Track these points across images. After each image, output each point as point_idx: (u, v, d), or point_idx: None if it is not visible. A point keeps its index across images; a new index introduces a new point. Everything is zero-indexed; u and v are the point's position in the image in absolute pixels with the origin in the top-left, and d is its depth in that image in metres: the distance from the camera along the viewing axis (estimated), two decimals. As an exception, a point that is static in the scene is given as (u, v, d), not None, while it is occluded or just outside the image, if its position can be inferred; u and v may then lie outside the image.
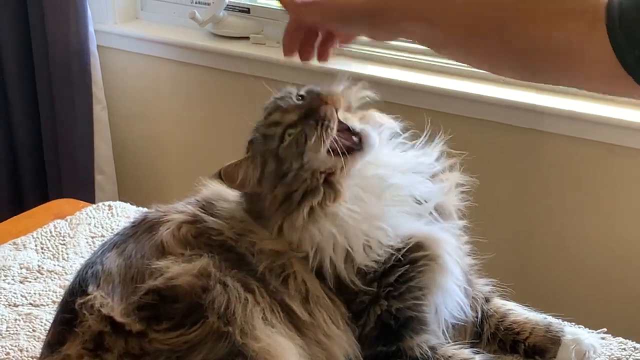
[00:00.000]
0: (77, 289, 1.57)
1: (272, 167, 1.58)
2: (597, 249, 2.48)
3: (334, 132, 1.54)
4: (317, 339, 1.57)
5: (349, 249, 1.55)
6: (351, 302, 1.58)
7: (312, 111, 1.56)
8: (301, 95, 1.61)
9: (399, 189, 1.60)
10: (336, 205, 1.55)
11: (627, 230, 2.43)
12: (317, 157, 1.54)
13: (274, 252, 1.58)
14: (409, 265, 1.56)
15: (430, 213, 1.61)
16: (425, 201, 1.61)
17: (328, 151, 1.53)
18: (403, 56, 2.69)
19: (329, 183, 1.55)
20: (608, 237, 2.46)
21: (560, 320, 1.77)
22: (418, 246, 1.57)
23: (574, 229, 2.50)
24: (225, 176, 1.59)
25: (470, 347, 1.62)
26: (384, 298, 1.58)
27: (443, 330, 1.63)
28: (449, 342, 1.63)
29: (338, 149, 1.53)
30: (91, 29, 3.05)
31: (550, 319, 1.75)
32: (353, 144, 1.55)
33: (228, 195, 1.68)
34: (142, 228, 1.64)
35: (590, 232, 2.48)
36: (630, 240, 2.43)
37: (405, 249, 1.56)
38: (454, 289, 1.62)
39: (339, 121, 1.55)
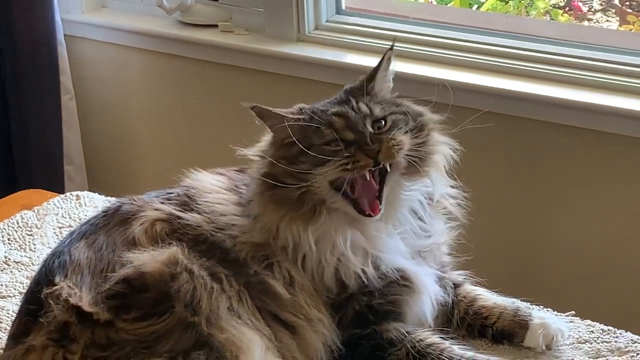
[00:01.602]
0: (43, 279, 1.56)
1: (296, 150, 1.58)
2: (564, 234, 2.49)
3: (352, 175, 1.54)
4: (295, 322, 1.57)
5: (324, 264, 1.59)
6: (332, 293, 1.60)
7: (359, 150, 1.54)
8: (378, 120, 1.59)
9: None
10: (311, 227, 1.57)
11: (595, 214, 2.44)
12: (324, 178, 1.55)
13: (256, 245, 1.59)
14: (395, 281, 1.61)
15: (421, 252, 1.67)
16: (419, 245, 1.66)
17: (339, 187, 1.56)
18: (401, 47, 2.68)
19: (314, 204, 1.57)
20: (576, 221, 2.46)
21: (529, 304, 1.78)
22: (405, 277, 1.62)
23: (542, 214, 2.51)
24: (258, 115, 1.60)
25: (441, 333, 1.63)
26: (363, 295, 1.60)
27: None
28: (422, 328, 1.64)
29: (350, 192, 1.56)
30: (58, 18, 3.01)
31: (518, 303, 1.75)
32: (360, 206, 1.57)
33: (209, 187, 1.68)
34: (115, 220, 1.63)
35: (558, 216, 2.49)
36: (598, 224, 2.43)
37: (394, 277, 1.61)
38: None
39: (375, 178, 1.56)
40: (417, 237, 1.66)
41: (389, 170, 1.57)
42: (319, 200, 1.57)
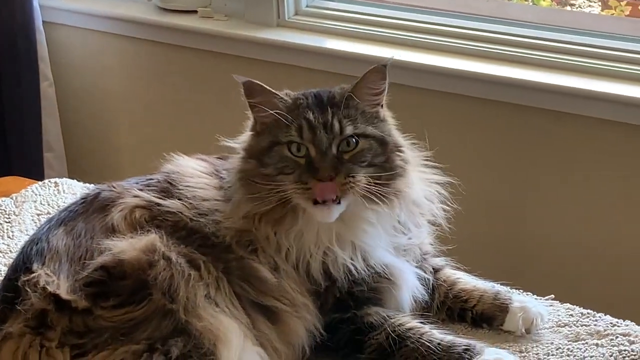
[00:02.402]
0: (21, 266, 1.55)
1: (264, 144, 1.59)
2: (545, 219, 2.49)
3: (303, 199, 1.54)
4: (280, 307, 1.57)
5: (309, 258, 1.59)
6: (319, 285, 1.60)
7: (313, 177, 1.53)
8: (346, 138, 1.56)
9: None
10: (287, 226, 1.58)
11: (576, 199, 2.44)
12: (286, 184, 1.55)
13: (240, 230, 1.59)
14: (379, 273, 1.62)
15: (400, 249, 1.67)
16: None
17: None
18: (381, 32, 2.67)
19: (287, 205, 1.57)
20: (557, 206, 2.47)
21: (508, 288, 1.78)
22: (387, 271, 1.62)
23: (522, 199, 2.51)
24: (246, 89, 1.59)
25: (421, 318, 1.63)
26: (346, 283, 1.60)
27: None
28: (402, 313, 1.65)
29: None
30: (36, 4, 2.99)
31: (498, 287, 1.75)
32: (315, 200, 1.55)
33: (190, 171, 1.67)
34: (94, 207, 1.62)
35: (538, 202, 2.49)
36: (579, 209, 2.44)
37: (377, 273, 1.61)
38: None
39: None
40: (395, 233, 1.65)
41: None
42: (291, 201, 1.57)
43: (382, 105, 1.64)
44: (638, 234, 2.37)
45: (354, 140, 1.57)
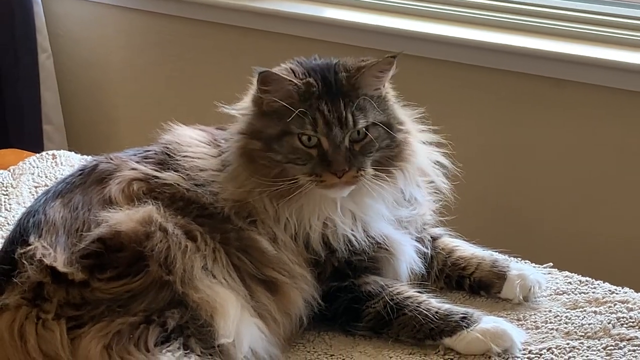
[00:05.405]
0: (18, 239, 1.55)
1: (274, 131, 1.57)
2: (542, 186, 2.49)
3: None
4: (278, 278, 1.57)
5: (309, 230, 1.59)
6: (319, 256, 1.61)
7: (326, 169, 1.54)
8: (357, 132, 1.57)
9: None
10: (288, 201, 1.57)
11: (573, 165, 2.43)
12: (294, 171, 1.56)
13: (239, 201, 1.58)
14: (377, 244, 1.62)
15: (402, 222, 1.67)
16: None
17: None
18: (385, 1, 2.64)
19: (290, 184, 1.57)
20: (554, 172, 2.46)
21: (507, 256, 1.78)
22: (386, 243, 1.63)
23: (520, 166, 2.51)
24: (262, 79, 1.57)
25: (419, 287, 1.64)
26: (343, 249, 1.60)
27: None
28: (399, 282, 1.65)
29: None
30: (32, -25, 2.99)
31: (496, 255, 1.75)
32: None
33: (189, 140, 1.67)
34: (92, 179, 1.62)
35: (536, 169, 2.48)
36: (576, 175, 2.43)
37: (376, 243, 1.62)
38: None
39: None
40: (398, 206, 1.65)
41: None
42: (295, 183, 1.57)
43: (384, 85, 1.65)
44: (637, 201, 2.36)
45: (364, 129, 1.57)
